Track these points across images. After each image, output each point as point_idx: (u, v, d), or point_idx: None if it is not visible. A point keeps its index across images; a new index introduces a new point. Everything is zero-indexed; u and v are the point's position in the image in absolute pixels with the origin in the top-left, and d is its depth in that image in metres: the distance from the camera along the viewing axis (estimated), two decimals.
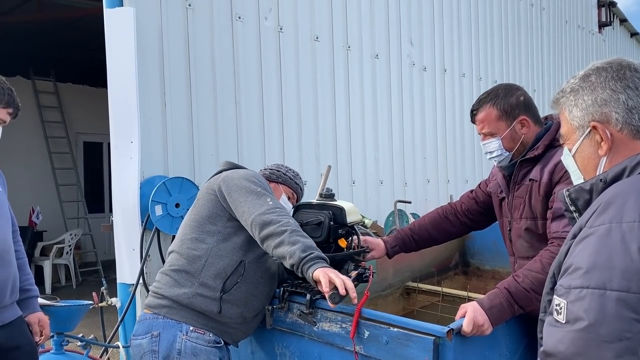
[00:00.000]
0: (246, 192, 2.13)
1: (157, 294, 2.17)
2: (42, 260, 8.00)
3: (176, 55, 4.11)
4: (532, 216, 2.21)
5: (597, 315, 1.02)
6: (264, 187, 2.20)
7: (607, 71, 1.28)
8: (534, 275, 1.94)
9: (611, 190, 1.16)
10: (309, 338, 2.15)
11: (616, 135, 1.24)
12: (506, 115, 2.23)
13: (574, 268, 1.10)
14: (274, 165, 2.61)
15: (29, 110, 9.37)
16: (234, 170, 2.32)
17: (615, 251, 1.05)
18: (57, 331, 2.74)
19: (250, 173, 2.28)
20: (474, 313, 1.83)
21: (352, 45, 5.80)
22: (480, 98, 2.32)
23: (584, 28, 11.61)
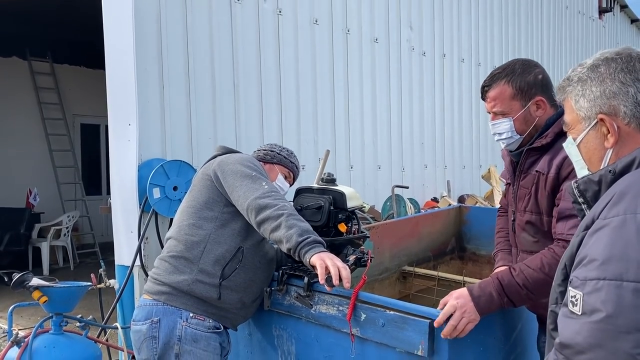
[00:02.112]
0: (241, 177, 2.12)
1: (157, 280, 2.16)
2: (39, 242, 8.00)
3: (174, 38, 4.09)
4: (537, 211, 2.07)
5: (614, 306, 1.02)
6: (259, 170, 2.19)
7: (617, 62, 1.25)
8: (530, 272, 1.83)
9: (624, 181, 1.15)
10: (306, 320, 2.17)
11: (623, 129, 1.23)
12: (521, 94, 2.03)
13: (589, 259, 1.09)
14: (267, 146, 2.57)
15: (26, 92, 9.31)
16: (229, 155, 2.29)
17: (630, 242, 1.04)
18: (56, 312, 2.76)
19: (245, 157, 2.26)
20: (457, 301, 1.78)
21: (351, 29, 5.76)
22: (494, 73, 2.10)
23: (584, 14, 11.56)
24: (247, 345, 2.46)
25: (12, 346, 2.66)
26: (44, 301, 2.66)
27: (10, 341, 2.66)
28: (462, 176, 7.55)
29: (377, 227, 3.57)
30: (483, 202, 6.80)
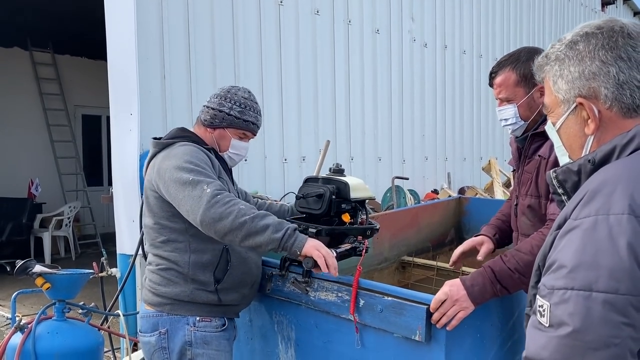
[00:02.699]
0: (181, 186, 1.92)
1: (156, 293, 2.10)
2: (41, 232, 8.04)
3: (176, 28, 4.10)
4: (536, 194, 2.12)
5: (582, 320, 0.93)
6: (196, 168, 1.97)
7: (597, 38, 1.11)
8: (520, 256, 1.87)
9: (598, 177, 1.04)
10: (306, 307, 2.20)
11: (605, 113, 1.10)
12: (525, 81, 2.08)
13: (557, 266, 1.00)
14: (217, 99, 2.20)
15: (27, 82, 9.33)
16: (164, 157, 2.05)
17: (601, 248, 0.94)
18: (59, 298, 2.79)
19: (180, 154, 2.01)
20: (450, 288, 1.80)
21: (352, 20, 5.76)
22: (501, 60, 2.16)
23: (586, 6, 11.52)
24: (248, 331, 2.49)
25: (16, 332, 2.69)
26: (47, 288, 2.69)
27: (13, 327, 2.70)
28: (463, 168, 7.57)
29: (377, 218, 3.60)
30: (483, 194, 6.82)
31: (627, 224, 0.94)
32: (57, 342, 2.68)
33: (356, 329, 2.02)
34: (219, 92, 2.23)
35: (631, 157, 1.05)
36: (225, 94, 2.20)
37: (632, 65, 1.08)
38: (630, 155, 1.05)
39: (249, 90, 2.25)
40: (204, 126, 2.21)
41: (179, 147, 2.07)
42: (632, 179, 0.99)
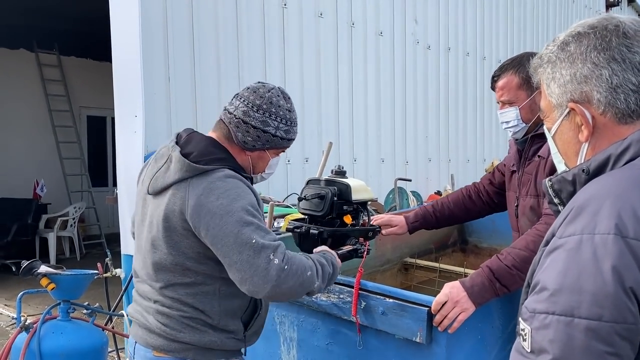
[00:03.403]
0: (239, 246, 1.62)
1: (174, 339, 1.76)
2: (46, 233, 8.09)
3: (180, 31, 4.13)
4: (536, 194, 2.15)
5: (563, 348, 0.87)
6: (255, 220, 1.67)
7: (589, 38, 1.04)
8: (516, 252, 1.88)
9: (586, 191, 0.98)
10: (307, 308, 2.22)
11: (598, 119, 1.04)
12: (527, 84, 2.12)
13: (540, 287, 0.93)
14: (258, 113, 1.78)
15: (33, 83, 9.39)
16: (207, 191, 1.66)
17: (585, 270, 0.88)
18: (64, 299, 2.82)
19: (232, 195, 1.66)
20: (450, 290, 1.82)
21: (356, 22, 5.78)
22: (504, 64, 2.20)
23: (591, 8, 11.50)
24: None
25: (21, 332, 2.72)
26: (52, 288, 2.72)
27: (19, 327, 2.73)
28: (466, 170, 7.57)
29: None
30: None
31: (612, 245, 0.87)
32: (61, 342, 2.71)
33: (358, 330, 2.04)
34: (255, 99, 1.80)
35: (622, 169, 0.99)
36: (268, 106, 1.79)
37: (627, 68, 1.01)
38: (622, 167, 0.99)
39: (285, 94, 1.90)
40: (242, 148, 1.82)
41: (222, 180, 1.68)
42: (621, 195, 0.92)
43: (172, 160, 1.73)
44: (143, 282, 1.85)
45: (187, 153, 1.72)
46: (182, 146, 1.76)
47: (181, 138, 1.81)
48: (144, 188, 1.81)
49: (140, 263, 1.86)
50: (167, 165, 1.74)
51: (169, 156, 1.75)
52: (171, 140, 1.82)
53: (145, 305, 1.83)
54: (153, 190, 1.75)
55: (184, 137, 1.81)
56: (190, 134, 1.82)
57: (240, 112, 1.79)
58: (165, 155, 1.77)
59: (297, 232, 2.22)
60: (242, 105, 1.80)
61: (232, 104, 1.84)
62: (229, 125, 1.80)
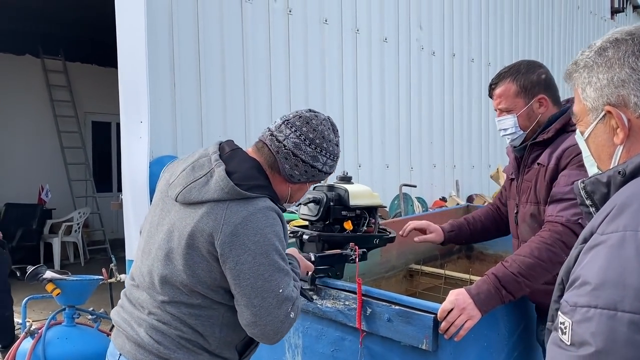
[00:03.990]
0: (262, 292, 1.58)
1: (166, 358, 1.66)
2: (51, 238, 8.11)
3: (186, 37, 4.14)
4: (536, 201, 2.16)
5: (606, 340, 0.88)
6: (285, 267, 1.64)
7: (627, 44, 1.08)
8: (521, 259, 1.88)
9: (627, 190, 1.00)
10: (313, 314, 2.21)
11: (635, 122, 1.07)
12: (525, 92, 2.14)
13: (581, 282, 0.96)
14: (309, 147, 1.71)
15: (38, 89, 9.43)
16: (245, 221, 1.57)
17: (628, 266, 0.89)
18: (69, 304, 2.83)
19: (268, 234, 1.59)
20: (456, 297, 1.81)
21: (361, 29, 5.79)
22: (501, 72, 2.22)
23: (596, 14, 11.50)
24: None
25: (26, 337, 2.72)
26: (57, 293, 2.72)
27: (24, 332, 2.73)
28: (471, 176, 7.56)
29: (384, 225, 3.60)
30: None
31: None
32: (66, 348, 2.71)
33: (360, 342, 2.03)
34: (308, 132, 1.72)
35: None
36: (320, 140, 1.72)
37: None
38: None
39: (334, 126, 1.83)
40: (286, 180, 1.75)
41: (263, 212, 1.60)
42: None
43: (213, 176, 1.62)
44: (140, 289, 1.73)
45: (230, 172, 1.62)
46: (225, 161, 1.66)
47: (224, 151, 1.71)
48: (171, 192, 1.69)
49: (142, 268, 1.73)
50: (207, 179, 1.63)
51: (210, 170, 1.64)
52: (213, 151, 1.70)
53: (137, 315, 1.71)
54: (184, 200, 1.64)
55: (228, 151, 1.71)
56: (235, 150, 1.72)
57: (291, 144, 1.70)
58: (206, 167, 1.66)
59: (294, 237, 2.23)
60: (293, 136, 1.71)
61: (281, 131, 1.72)
62: (277, 154, 1.71)
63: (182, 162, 1.75)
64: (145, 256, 1.74)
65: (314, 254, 2.12)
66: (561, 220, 1.91)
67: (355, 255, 2.16)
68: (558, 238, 1.88)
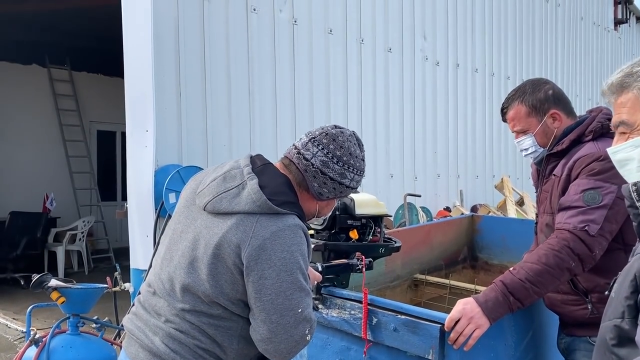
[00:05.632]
0: (282, 310, 1.58)
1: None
2: (55, 246, 8.11)
3: (192, 46, 4.17)
4: (551, 211, 2.17)
5: None
6: (306, 286, 1.64)
7: None
8: (529, 266, 1.88)
9: None
10: (318, 323, 2.20)
11: None
12: (536, 110, 2.18)
13: None
14: (337, 165, 1.72)
15: (44, 98, 9.49)
16: (275, 236, 1.58)
17: None
18: (73, 313, 2.82)
19: (296, 254, 1.60)
20: (464, 306, 1.80)
21: (365, 39, 5.82)
22: (509, 96, 2.27)
23: (599, 25, 11.52)
24: None
25: (30, 345, 2.72)
26: (61, 302, 2.72)
27: (28, 340, 2.72)
28: (475, 186, 7.55)
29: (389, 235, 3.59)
30: (496, 212, 6.78)
31: None
32: (71, 356, 2.71)
33: (365, 352, 2.02)
34: (335, 149, 1.72)
35: None
36: (347, 157, 1.73)
37: None
38: None
39: (360, 141, 1.84)
40: (314, 198, 1.76)
41: (292, 229, 1.61)
42: None
43: (245, 188, 1.63)
44: (158, 296, 1.71)
45: (261, 186, 1.63)
46: (256, 175, 1.66)
47: (255, 165, 1.71)
48: (199, 201, 1.69)
49: (162, 275, 1.71)
50: (239, 191, 1.63)
51: (242, 182, 1.64)
52: (245, 164, 1.71)
53: (153, 323, 1.68)
54: (213, 209, 1.64)
55: (259, 165, 1.72)
56: (266, 165, 1.73)
57: (319, 162, 1.71)
58: (237, 178, 1.66)
59: None
60: (321, 155, 1.71)
61: (307, 149, 1.72)
62: (305, 173, 1.71)
63: (211, 172, 1.76)
64: (165, 263, 1.72)
65: (321, 264, 2.11)
66: (568, 227, 1.91)
67: (362, 265, 2.16)
68: (565, 245, 1.88)
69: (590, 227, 1.88)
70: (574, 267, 1.87)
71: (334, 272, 2.17)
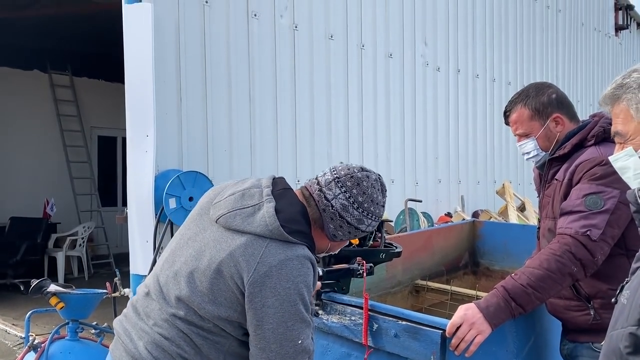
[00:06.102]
0: (282, 341, 1.57)
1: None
2: (55, 252, 8.10)
3: (192, 51, 4.17)
4: (553, 216, 2.16)
5: None
6: (307, 318, 1.62)
7: None
8: (530, 271, 1.86)
9: None
10: (318, 330, 2.18)
11: None
12: (538, 114, 2.18)
13: None
14: (357, 211, 1.70)
15: (45, 104, 9.50)
16: (282, 265, 1.57)
17: None
18: (72, 318, 2.81)
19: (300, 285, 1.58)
20: (465, 312, 1.79)
21: (366, 44, 5.83)
22: (512, 99, 2.27)
23: (600, 31, 11.53)
24: None
25: (29, 351, 2.70)
26: (60, 307, 2.71)
27: (27, 346, 2.71)
28: (477, 192, 7.53)
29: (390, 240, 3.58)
30: (497, 218, 6.77)
31: None
32: None
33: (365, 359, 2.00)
34: (358, 194, 1.69)
35: None
36: (369, 204, 1.71)
37: None
38: None
39: (384, 186, 1.80)
40: (327, 238, 1.75)
41: (300, 260, 1.60)
42: None
43: (261, 209, 1.62)
44: (151, 298, 1.70)
45: (277, 210, 1.62)
46: (275, 198, 1.65)
47: (276, 187, 1.71)
48: (213, 212, 1.68)
49: (160, 277, 1.70)
50: (254, 210, 1.63)
51: (260, 202, 1.64)
52: (266, 185, 1.70)
53: (139, 327, 1.67)
54: (225, 223, 1.63)
55: (279, 189, 1.71)
56: (286, 190, 1.72)
57: (339, 205, 1.68)
58: (256, 198, 1.66)
59: None
60: (342, 198, 1.68)
61: (330, 188, 1.69)
62: (323, 212, 1.69)
63: (232, 187, 1.75)
64: (166, 266, 1.71)
65: (322, 269, 2.10)
66: (570, 232, 1.90)
67: (363, 270, 2.14)
68: (567, 249, 1.86)
69: (592, 232, 1.86)
70: (575, 272, 1.86)
71: (334, 277, 2.16)
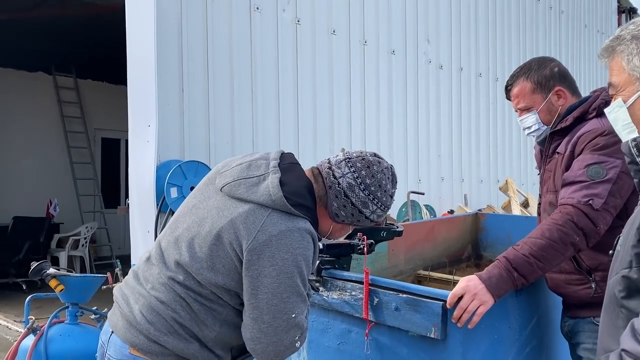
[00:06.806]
0: (275, 312, 1.56)
1: (156, 341, 1.61)
2: (58, 252, 8.12)
3: (195, 42, 4.18)
4: (554, 190, 2.14)
5: None
6: (303, 292, 1.62)
7: None
8: (532, 241, 1.84)
9: None
10: (318, 307, 2.17)
11: None
12: (541, 87, 2.15)
13: None
14: (363, 193, 1.68)
15: (49, 105, 9.55)
16: (282, 235, 1.56)
17: None
18: (72, 302, 2.80)
19: (299, 255, 1.57)
20: (467, 282, 1.77)
21: (368, 40, 5.83)
22: (514, 73, 2.24)
23: (603, 33, 11.53)
24: None
25: (29, 333, 2.69)
26: (60, 290, 2.70)
27: (26, 328, 2.70)
28: (480, 190, 7.51)
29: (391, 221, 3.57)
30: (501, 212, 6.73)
31: None
32: (68, 345, 2.68)
33: (367, 334, 1.98)
34: (366, 176, 1.69)
35: None
36: (376, 188, 1.69)
37: None
38: None
39: (395, 176, 1.80)
40: (330, 217, 1.72)
41: (301, 233, 1.59)
42: None
43: (266, 180, 1.62)
44: (151, 262, 1.70)
45: (282, 182, 1.61)
46: (282, 171, 1.65)
47: (284, 161, 1.71)
48: (218, 181, 1.68)
49: (162, 242, 1.70)
50: (259, 180, 1.63)
51: (265, 173, 1.64)
52: (274, 157, 1.70)
53: (137, 290, 1.66)
54: (229, 192, 1.63)
55: (287, 163, 1.71)
56: (294, 164, 1.72)
57: (345, 183, 1.67)
58: (262, 169, 1.66)
59: None
60: (350, 177, 1.68)
61: (339, 167, 1.69)
62: (329, 189, 1.68)
63: (239, 158, 1.75)
64: (169, 232, 1.72)
65: (322, 242, 2.08)
66: (572, 202, 1.88)
67: (364, 246, 2.12)
68: (569, 219, 1.84)
69: (595, 201, 1.84)
70: (578, 242, 1.84)
71: (335, 252, 2.15)
